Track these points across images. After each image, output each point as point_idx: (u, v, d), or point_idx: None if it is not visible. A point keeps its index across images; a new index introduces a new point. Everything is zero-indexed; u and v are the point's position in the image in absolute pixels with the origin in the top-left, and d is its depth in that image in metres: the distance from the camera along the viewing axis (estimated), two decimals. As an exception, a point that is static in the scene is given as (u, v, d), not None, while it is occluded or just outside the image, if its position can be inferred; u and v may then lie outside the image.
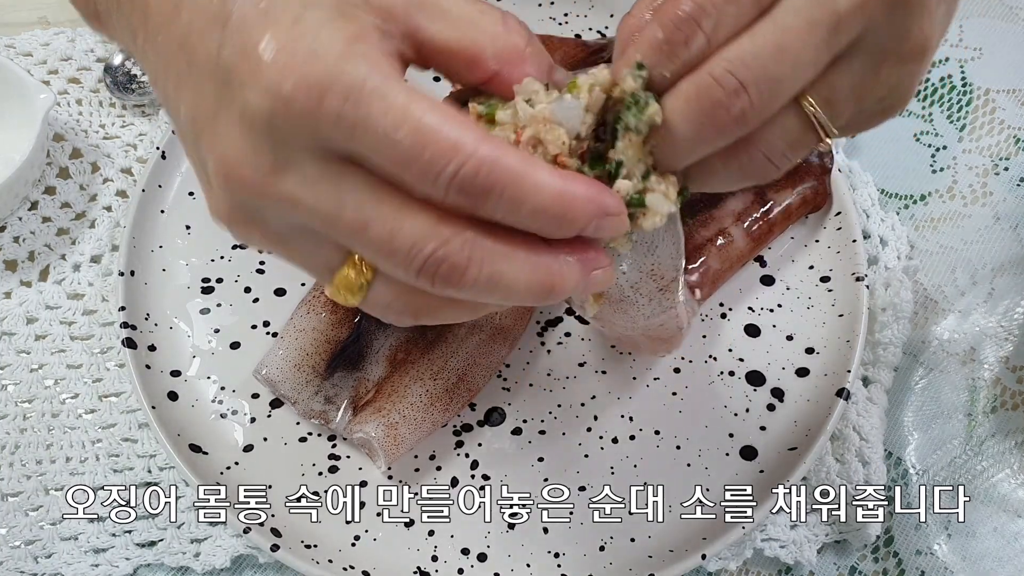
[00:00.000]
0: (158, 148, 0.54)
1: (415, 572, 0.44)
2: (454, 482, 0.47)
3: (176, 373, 0.49)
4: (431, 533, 0.45)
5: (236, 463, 0.46)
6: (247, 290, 0.52)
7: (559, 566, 0.44)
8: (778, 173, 0.31)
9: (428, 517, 0.45)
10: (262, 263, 0.52)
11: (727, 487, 0.46)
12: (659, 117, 0.30)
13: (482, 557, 0.45)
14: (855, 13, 0.28)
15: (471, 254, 0.28)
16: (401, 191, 0.27)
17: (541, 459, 0.47)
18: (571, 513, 0.46)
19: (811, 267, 0.53)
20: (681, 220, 0.36)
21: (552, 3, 0.63)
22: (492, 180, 0.27)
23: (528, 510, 0.46)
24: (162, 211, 0.53)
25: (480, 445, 0.48)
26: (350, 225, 0.28)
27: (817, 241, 0.54)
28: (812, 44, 0.28)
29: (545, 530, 0.45)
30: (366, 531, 0.45)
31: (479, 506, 0.46)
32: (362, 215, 0.28)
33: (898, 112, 0.32)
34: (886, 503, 0.47)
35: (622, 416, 0.48)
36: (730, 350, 0.50)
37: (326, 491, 0.46)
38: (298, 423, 0.48)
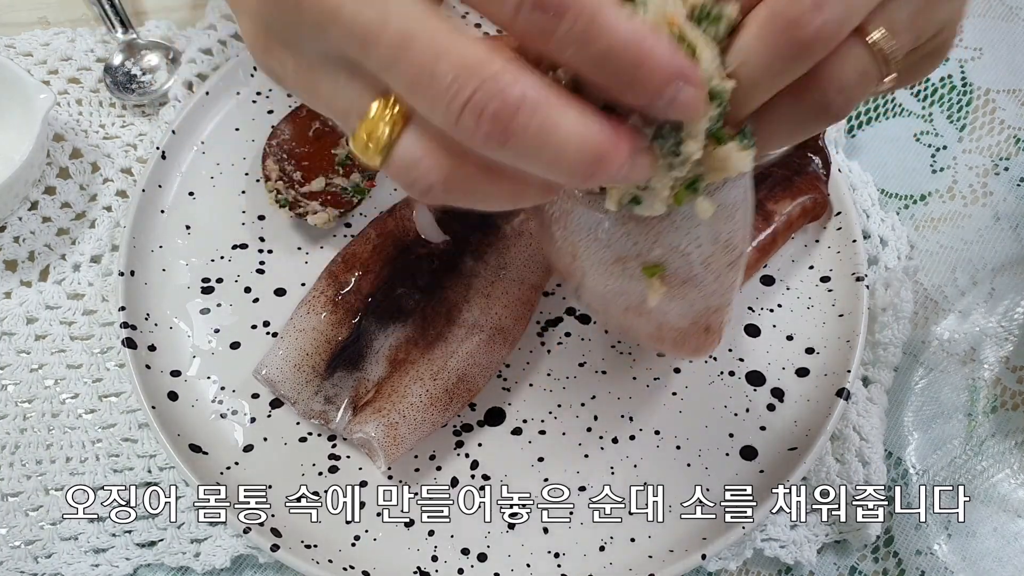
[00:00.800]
0: (158, 148, 0.54)
1: (415, 572, 0.44)
2: (454, 482, 0.47)
3: (176, 373, 0.49)
4: (431, 533, 0.45)
5: (236, 463, 0.46)
6: (247, 290, 0.52)
7: (559, 566, 0.44)
8: (847, 110, 0.31)
9: (428, 517, 0.45)
10: (262, 263, 0.53)
11: (727, 487, 0.46)
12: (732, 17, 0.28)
13: (482, 557, 0.45)
14: None
15: (524, 93, 0.24)
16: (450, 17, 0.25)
17: (541, 459, 0.47)
18: (571, 513, 0.46)
19: (811, 267, 0.53)
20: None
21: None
22: (569, 2, 0.24)
23: (528, 510, 0.46)
24: (162, 211, 0.53)
25: (480, 445, 0.48)
26: (391, 42, 0.24)
27: (817, 241, 0.54)
28: None
29: (545, 530, 0.45)
30: (366, 531, 0.45)
31: (479, 506, 0.46)
32: (407, 30, 0.24)
33: (944, 57, 0.33)
34: (886, 503, 0.47)
35: (622, 416, 0.48)
36: (730, 350, 0.50)
37: (326, 491, 0.46)
38: (298, 423, 0.48)
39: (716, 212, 0.32)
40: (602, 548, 0.45)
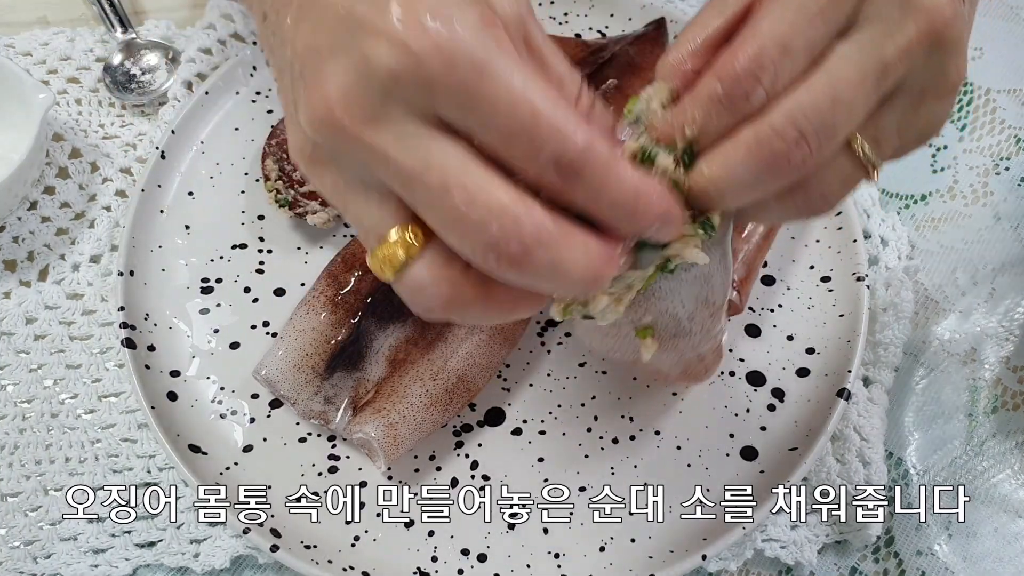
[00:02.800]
0: (157, 148, 0.54)
1: (415, 572, 0.44)
2: (454, 482, 0.47)
3: (175, 373, 0.49)
4: (431, 533, 0.45)
5: (235, 463, 0.46)
6: (247, 290, 0.52)
7: (559, 566, 0.44)
8: (828, 210, 0.34)
9: (428, 517, 0.45)
10: (261, 263, 0.52)
11: (727, 487, 0.46)
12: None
13: (482, 557, 0.45)
14: (901, 59, 0.31)
15: (540, 234, 0.28)
16: (488, 163, 0.28)
17: (541, 459, 0.47)
18: (571, 513, 0.46)
19: (812, 267, 0.53)
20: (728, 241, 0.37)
21: (552, 2, 0.62)
22: (585, 163, 0.28)
23: (528, 510, 0.46)
24: (161, 211, 0.53)
25: (480, 445, 0.48)
26: (431, 186, 0.28)
27: (818, 241, 0.54)
28: (863, 92, 0.31)
29: (545, 530, 0.45)
30: (366, 531, 0.45)
31: (479, 506, 0.46)
32: (445, 178, 0.28)
33: (931, 139, 0.34)
34: (887, 503, 0.47)
35: (622, 416, 0.48)
36: (730, 350, 0.50)
37: (326, 491, 0.46)
38: (298, 423, 0.48)
39: (695, 278, 0.36)
40: (602, 548, 0.45)
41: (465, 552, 0.45)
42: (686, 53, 0.32)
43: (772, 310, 0.52)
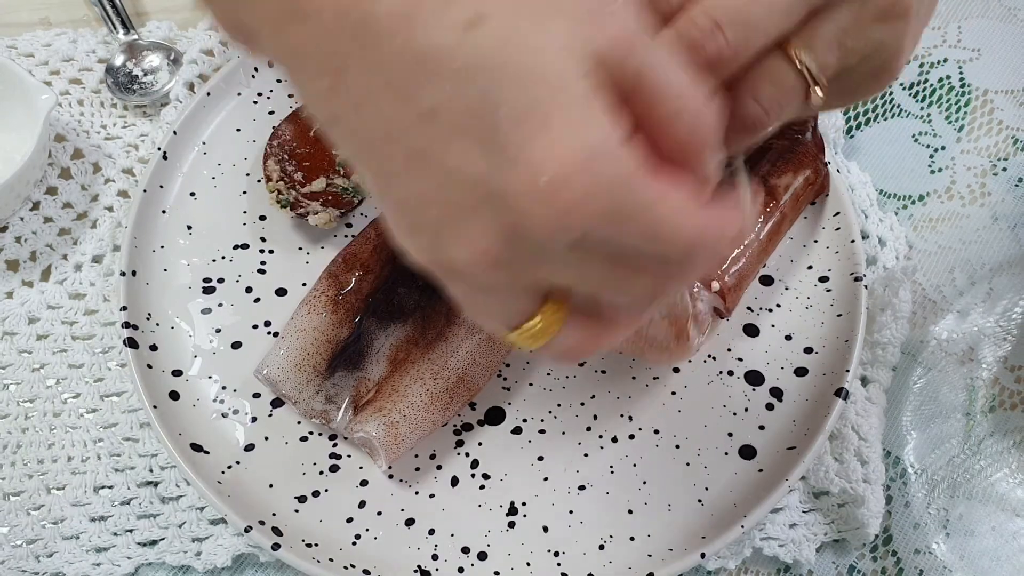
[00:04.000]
0: (159, 149, 0.54)
1: (415, 571, 0.44)
2: (454, 481, 0.47)
3: (177, 373, 0.49)
4: (431, 532, 0.45)
5: (237, 462, 0.47)
6: (248, 290, 0.52)
7: (559, 565, 0.45)
8: (769, 121, 0.32)
9: (428, 516, 0.46)
10: (263, 263, 0.53)
11: (726, 486, 0.46)
12: None
13: (482, 556, 0.45)
14: None
15: None
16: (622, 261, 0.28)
17: (541, 458, 0.47)
18: (571, 512, 0.46)
19: (810, 267, 0.53)
20: None
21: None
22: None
23: (528, 509, 0.46)
24: (163, 211, 0.54)
25: (480, 444, 0.48)
26: (590, 288, 0.29)
27: (816, 241, 0.54)
28: None
29: (545, 529, 0.46)
30: (367, 530, 0.45)
31: (479, 505, 0.46)
32: (599, 283, 0.29)
33: (889, 81, 0.34)
34: (885, 502, 0.47)
35: (622, 415, 0.49)
36: (729, 350, 0.51)
37: (327, 490, 0.46)
38: (299, 422, 0.48)
39: None
40: (601, 547, 0.45)
41: (465, 550, 0.45)
42: None
43: (770, 310, 0.52)
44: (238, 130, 0.57)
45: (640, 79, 0.26)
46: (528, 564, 0.44)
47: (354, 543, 0.45)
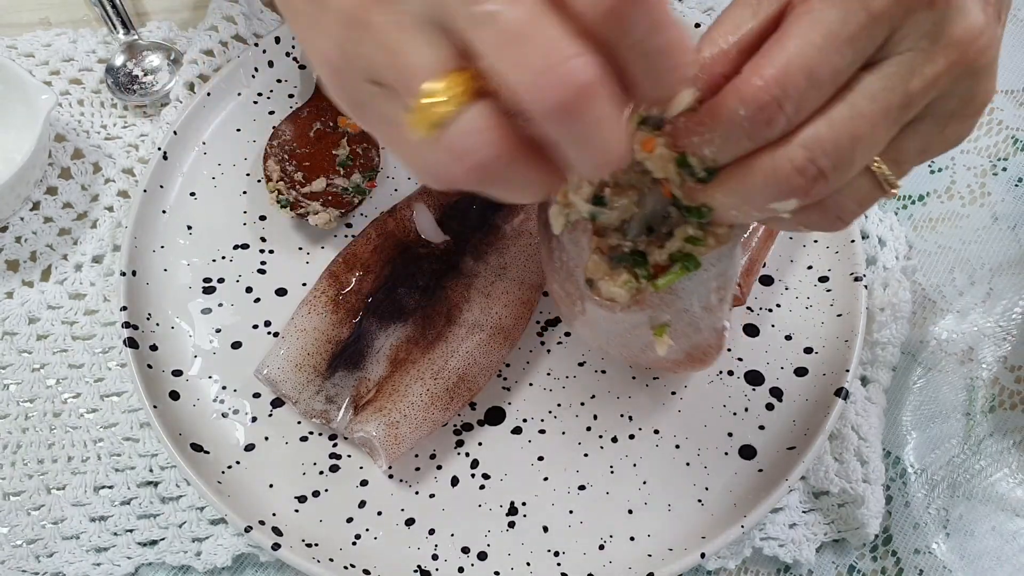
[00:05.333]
0: (160, 149, 0.54)
1: (415, 571, 0.44)
2: (454, 481, 0.47)
3: (178, 373, 0.49)
4: (431, 532, 0.45)
5: (237, 462, 0.47)
6: (248, 290, 0.52)
7: (559, 565, 0.45)
8: (844, 227, 0.33)
9: (428, 516, 0.46)
10: (263, 263, 0.53)
11: (726, 486, 0.46)
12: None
13: (482, 556, 0.45)
14: (926, 91, 0.30)
15: (594, 87, 0.27)
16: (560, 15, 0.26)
17: (541, 458, 0.47)
18: (571, 512, 0.46)
19: (810, 267, 0.53)
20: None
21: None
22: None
23: (528, 509, 0.46)
24: (164, 211, 0.54)
25: (480, 444, 0.48)
26: (504, 25, 0.26)
27: (816, 241, 0.54)
28: (885, 126, 0.30)
29: (545, 529, 0.46)
30: (367, 530, 0.45)
31: (479, 505, 0.46)
32: (520, 20, 0.26)
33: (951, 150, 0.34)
34: (884, 502, 0.47)
35: (622, 415, 0.49)
36: (729, 350, 0.51)
37: (327, 490, 0.46)
38: (299, 422, 0.48)
39: (709, 279, 0.37)
40: (601, 547, 0.45)
41: (465, 550, 0.45)
42: (715, 54, 0.31)
43: (770, 310, 0.52)
44: (238, 130, 0.57)
45: None
46: (528, 564, 0.44)
47: (354, 543, 0.45)
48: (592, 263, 0.38)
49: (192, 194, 0.55)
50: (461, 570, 0.44)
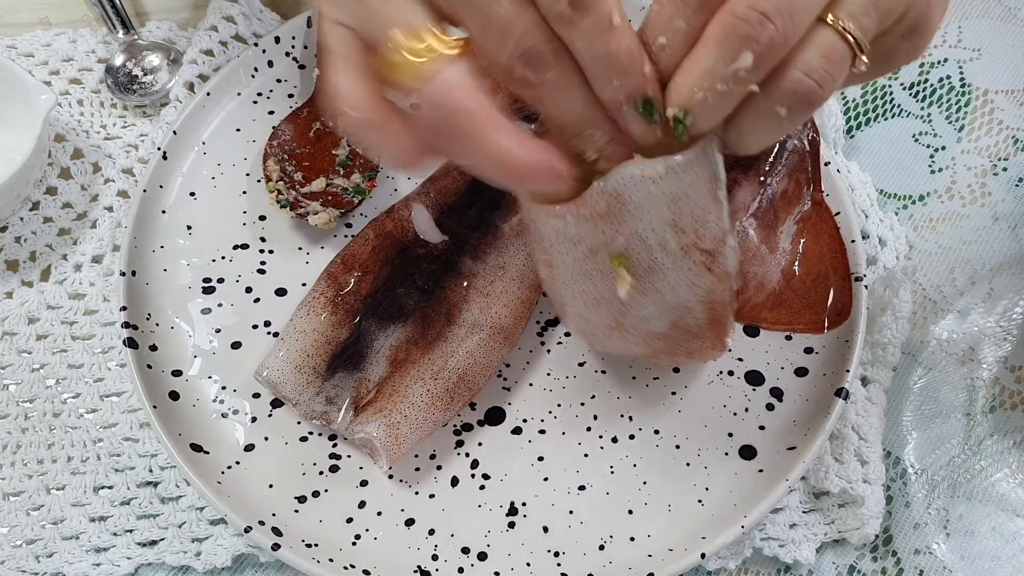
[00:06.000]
0: (159, 149, 0.54)
1: (415, 571, 0.44)
2: (454, 481, 0.47)
3: (177, 373, 0.49)
4: (431, 532, 0.45)
5: (237, 462, 0.47)
6: (248, 290, 0.52)
7: (559, 565, 0.45)
8: (821, 94, 0.33)
9: (428, 516, 0.46)
10: (263, 263, 0.53)
11: (726, 486, 0.46)
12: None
13: (482, 556, 0.45)
14: None
15: (558, 57, 0.32)
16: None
17: (541, 458, 0.47)
18: (571, 512, 0.46)
19: (810, 267, 0.53)
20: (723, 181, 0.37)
21: (552, 4, 0.63)
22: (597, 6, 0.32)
23: (528, 509, 0.46)
24: (163, 211, 0.54)
25: (480, 444, 0.48)
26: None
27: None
28: None
29: (545, 529, 0.46)
30: (366, 530, 0.45)
31: (479, 505, 0.46)
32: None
33: (924, 43, 0.35)
34: (885, 502, 0.47)
35: (622, 416, 0.49)
36: (729, 350, 0.51)
37: (327, 490, 0.46)
38: (299, 422, 0.48)
39: (658, 198, 0.36)
40: (601, 547, 0.45)
41: (465, 551, 0.45)
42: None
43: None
44: (238, 130, 0.57)
45: None
46: (528, 564, 0.44)
47: (354, 543, 0.45)
48: None
49: (192, 194, 0.55)
50: (461, 570, 0.44)
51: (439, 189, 0.51)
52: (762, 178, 0.51)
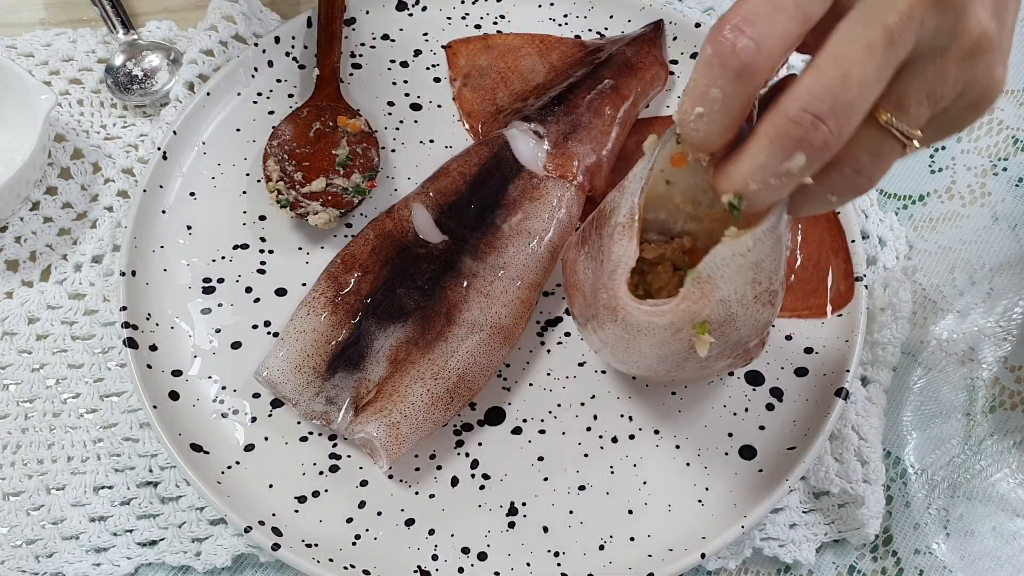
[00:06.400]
0: (159, 149, 0.54)
1: (415, 571, 0.44)
2: (454, 481, 0.47)
3: (177, 373, 0.49)
4: (431, 532, 0.45)
5: (237, 462, 0.47)
6: (248, 290, 0.52)
7: (559, 565, 0.45)
8: (870, 184, 0.34)
9: (428, 516, 0.46)
10: (263, 263, 0.53)
11: (726, 486, 0.46)
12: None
13: (482, 556, 0.45)
14: (905, 23, 0.31)
15: None
16: None
17: (541, 458, 0.47)
18: (571, 512, 0.46)
19: (810, 267, 0.53)
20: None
21: (552, 4, 0.63)
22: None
23: (528, 509, 0.46)
24: (163, 211, 0.54)
25: (480, 444, 0.48)
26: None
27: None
28: (873, 64, 0.31)
29: (545, 529, 0.46)
30: (366, 530, 0.45)
31: (479, 505, 0.46)
32: None
33: (987, 107, 0.35)
34: (885, 502, 0.47)
35: (622, 415, 0.49)
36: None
37: (327, 490, 0.46)
38: (299, 422, 0.48)
39: (745, 267, 0.37)
40: (601, 547, 0.45)
41: (465, 551, 0.45)
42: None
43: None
44: (238, 130, 0.57)
45: None
46: (528, 564, 0.44)
47: (354, 543, 0.45)
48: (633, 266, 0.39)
49: (192, 194, 0.55)
50: (461, 570, 0.44)
51: (439, 189, 0.51)
52: None
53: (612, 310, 0.39)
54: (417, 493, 0.46)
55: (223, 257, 0.53)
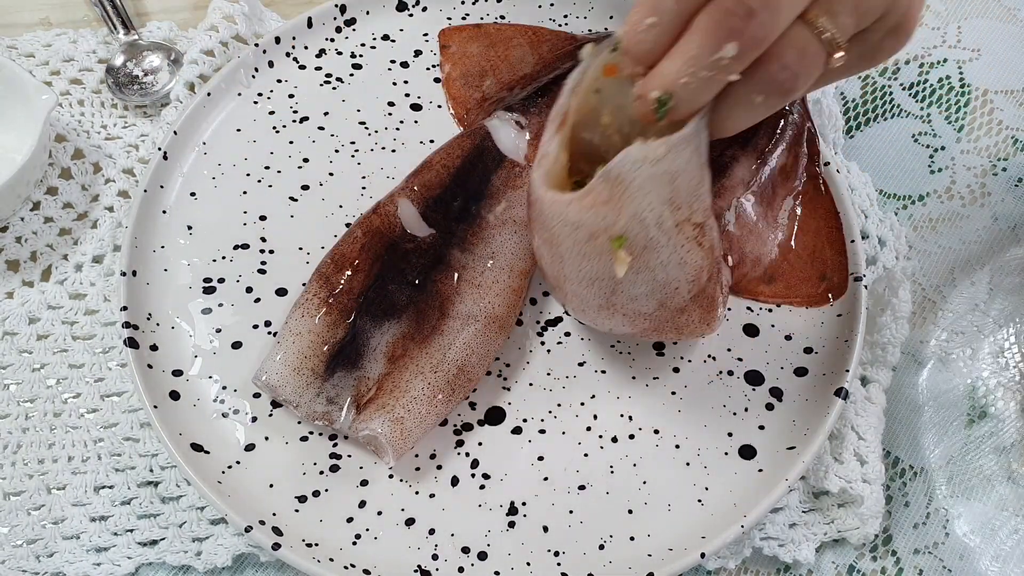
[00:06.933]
0: (160, 149, 0.54)
1: (415, 571, 0.44)
2: (454, 481, 0.47)
3: (178, 373, 0.49)
4: (431, 532, 0.45)
5: (238, 462, 0.47)
6: (248, 290, 0.52)
7: (559, 564, 0.45)
8: (796, 84, 0.35)
9: (428, 516, 0.46)
10: (263, 263, 0.53)
11: (726, 486, 0.46)
12: None
13: (482, 556, 0.45)
14: None
15: None
16: None
17: (541, 458, 0.47)
18: (571, 512, 0.46)
19: (810, 267, 0.53)
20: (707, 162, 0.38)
21: (552, 4, 0.63)
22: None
23: (528, 509, 0.46)
24: (164, 211, 0.54)
25: (480, 444, 0.48)
26: None
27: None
28: None
29: (545, 529, 0.46)
30: (367, 530, 0.45)
31: (479, 505, 0.46)
32: None
33: (905, 40, 0.37)
34: (884, 502, 0.47)
35: (621, 415, 0.49)
36: (729, 350, 0.51)
37: (327, 490, 0.46)
38: (299, 422, 0.48)
39: (658, 178, 0.37)
40: (601, 547, 0.45)
41: (465, 550, 0.45)
42: None
43: (770, 310, 0.52)
44: (238, 130, 0.57)
45: None
46: (528, 564, 0.45)
47: (354, 543, 0.45)
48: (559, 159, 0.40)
49: (192, 194, 0.55)
50: (461, 570, 0.44)
51: (423, 183, 0.51)
52: (760, 154, 0.52)
53: (532, 204, 0.40)
54: (417, 493, 0.46)
55: (223, 257, 0.53)
